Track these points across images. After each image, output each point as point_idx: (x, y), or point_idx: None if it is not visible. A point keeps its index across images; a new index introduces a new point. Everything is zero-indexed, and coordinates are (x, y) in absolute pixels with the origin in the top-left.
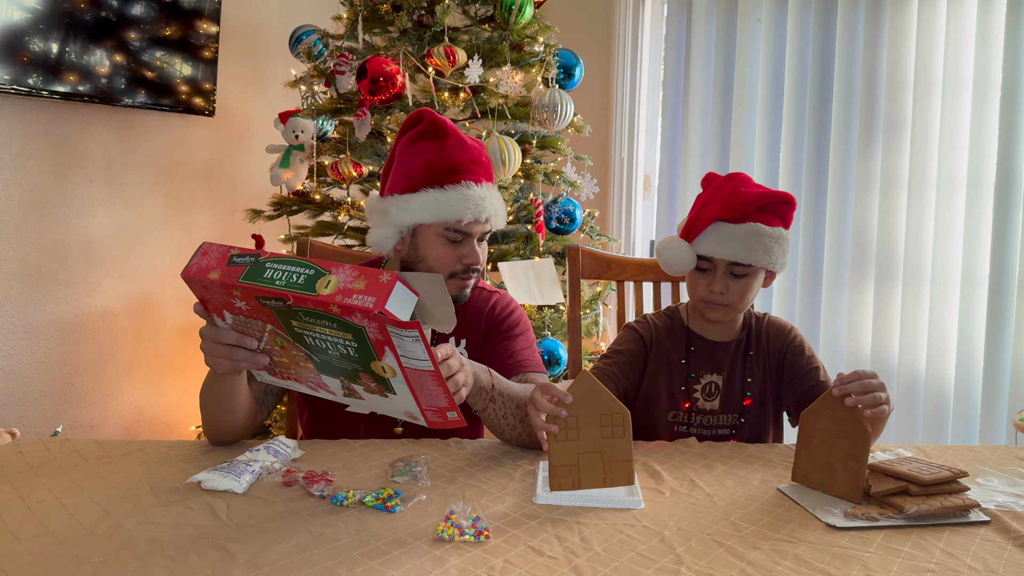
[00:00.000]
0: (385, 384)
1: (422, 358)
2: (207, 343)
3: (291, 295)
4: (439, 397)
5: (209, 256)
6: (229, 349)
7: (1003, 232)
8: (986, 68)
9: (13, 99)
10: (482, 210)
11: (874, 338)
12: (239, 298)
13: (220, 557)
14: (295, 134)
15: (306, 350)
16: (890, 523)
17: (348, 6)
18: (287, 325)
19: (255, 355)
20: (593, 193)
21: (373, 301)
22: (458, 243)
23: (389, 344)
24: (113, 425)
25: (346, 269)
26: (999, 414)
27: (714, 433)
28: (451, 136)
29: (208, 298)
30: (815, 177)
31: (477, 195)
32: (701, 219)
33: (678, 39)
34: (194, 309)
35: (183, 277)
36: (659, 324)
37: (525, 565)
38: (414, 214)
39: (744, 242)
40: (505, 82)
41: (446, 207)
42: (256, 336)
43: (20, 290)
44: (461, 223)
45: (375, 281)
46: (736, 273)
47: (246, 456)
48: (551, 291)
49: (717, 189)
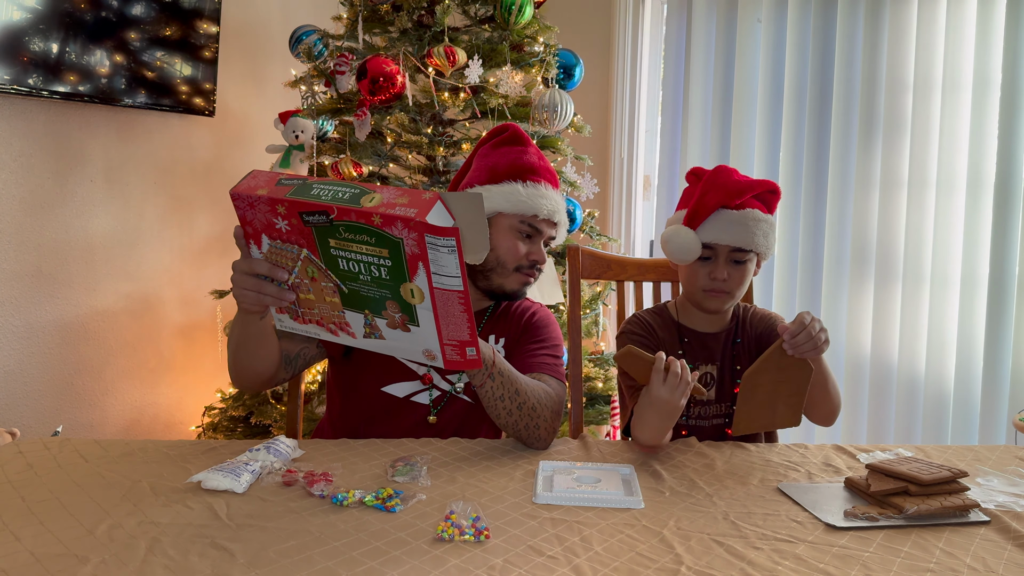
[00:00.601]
0: (411, 314)
1: (454, 274)
2: (238, 275)
3: (335, 207)
4: (462, 327)
5: (258, 178)
6: (258, 282)
7: (1003, 232)
8: (986, 68)
9: (13, 99)
10: (555, 212)
11: (874, 338)
12: (283, 216)
13: (220, 557)
14: (295, 134)
15: (337, 279)
16: (890, 523)
17: (348, 6)
18: (324, 246)
19: (282, 291)
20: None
21: (415, 212)
22: (529, 238)
23: (424, 259)
24: (113, 425)
25: (391, 189)
26: (999, 414)
27: (711, 424)
28: (532, 146)
29: (250, 219)
30: (815, 177)
31: (554, 197)
32: (704, 206)
33: (678, 39)
34: (234, 233)
35: (231, 194)
36: (652, 322)
37: (525, 565)
38: (495, 203)
39: (746, 227)
40: (505, 82)
41: (526, 200)
42: (288, 268)
43: (20, 290)
44: (537, 218)
45: (418, 197)
46: (736, 259)
47: (246, 456)
48: (551, 291)
49: (713, 178)
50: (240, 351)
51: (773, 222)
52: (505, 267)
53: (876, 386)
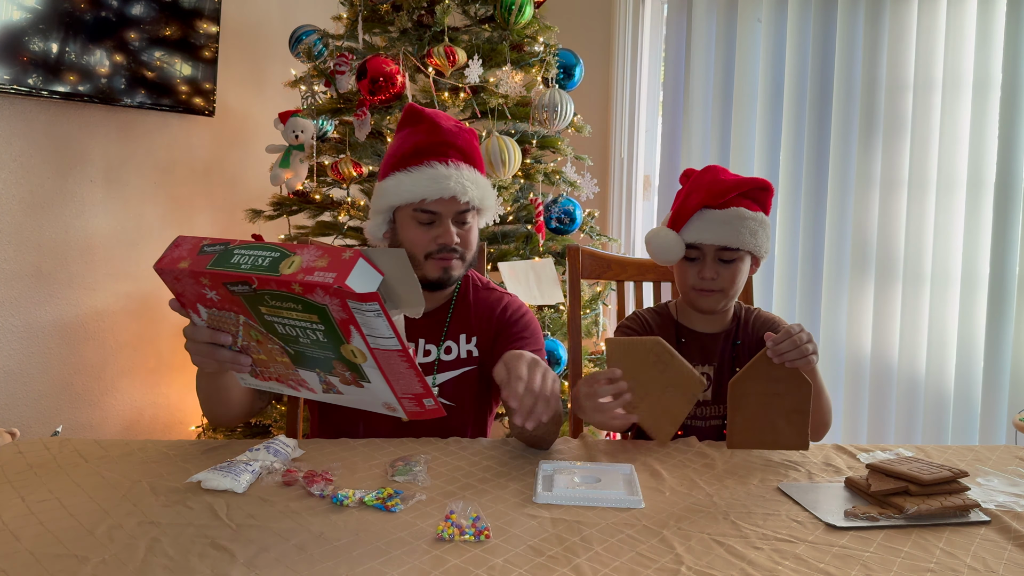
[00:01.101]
0: (358, 372)
1: (387, 335)
2: (189, 343)
3: (255, 277)
4: (412, 382)
5: (181, 247)
6: (210, 348)
7: (1003, 232)
8: (986, 68)
9: (13, 99)
10: (446, 188)
11: (874, 338)
12: (208, 287)
13: (220, 557)
14: (295, 134)
15: (280, 341)
16: (890, 523)
17: (348, 6)
18: (257, 313)
19: (237, 355)
20: (593, 193)
21: (333, 277)
22: (431, 224)
23: (354, 323)
24: (113, 425)
25: (311, 249)
26: (999, 414)
27: (707, 424)
28: (424, 122)
29: (181, 291)
30: (815, 177)
31: (441, 174)
32: (686, 208)
33: (678, 39)
34: (170, 305)
35: (155, 269)
36: (650, 319)
37: (525, 565)
38: (386, 198)
39: (730, 226)
40: (505, 82)
41: (410, 188)
42: (231, 332)
43: (20, 290)
44: (426, 202)
45: (337, 259)
46: (724, 259)
47: (246, 456)
48: (551, 291)
49: (698, 180)
50: (210, 402)
51: (763, 219)
52: (416, 258)
53: (876, 386)
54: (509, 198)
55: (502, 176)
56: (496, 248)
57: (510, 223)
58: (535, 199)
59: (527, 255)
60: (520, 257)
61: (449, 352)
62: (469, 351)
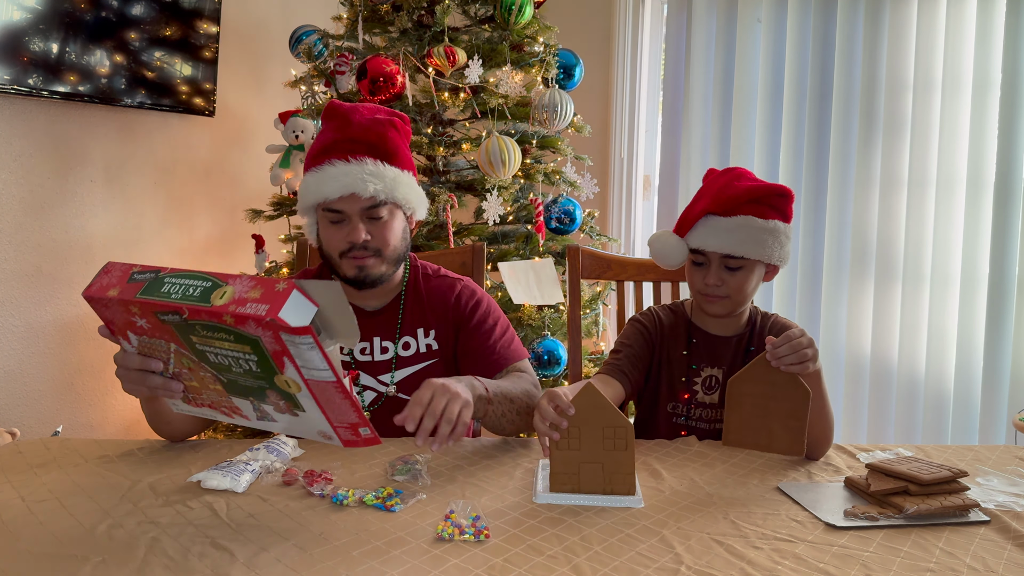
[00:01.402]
0: (293, 401)
1: (321, 367)
2: (120, 369)
3: (186, 307)
4: (348, 412)
5: (111, 274)
6: (141, 375)
7: (1003, 232)
8: (986, 68)
9: (13, 99)
10: (345, 185)
11: (874, 338)
12: (138, 315)
13: (220, 557)
14: (295, 134)
15: (212, 370)
16: (890, 523)
17: (348, 6)
18: (188, 342)
19: (168, 381)
20: (593, 193)
21: (266, 309)
22: (341, 223)
23: (288, 355)
24: (113, 425)
25: (244, 280)
26: (999, 414)
27: (712, 427)
28: (336, 119)
29: (111, 318)
30: (815, 177)
31: (340, 171)
32: (692, 213)
33: (678, 39)
34: (99, 332)
35: (84, 297)
36: (663, 317)
37: (525, 564)
38: (301, 199)
39: (735, 235)
40: (505, 82)
41: (315, 187)
42: (162, 359)
43: (20, 290)
44: (327, 200)
45: (271, 290)
46: (730, 266)
47: (246, 455)
48: (551, 291)
49: (711, 184)
50: (155, 422)
51: (775, 227)
52: (332, 258)
53: (876, 386)
54: (509, 198)
55: (502, 176)
56: (496, 248)
57: (510, 223)
58: (535, 199)
59: (527, 255)
60: (520, 257)
61: (408, 348)
62: (428, 345)
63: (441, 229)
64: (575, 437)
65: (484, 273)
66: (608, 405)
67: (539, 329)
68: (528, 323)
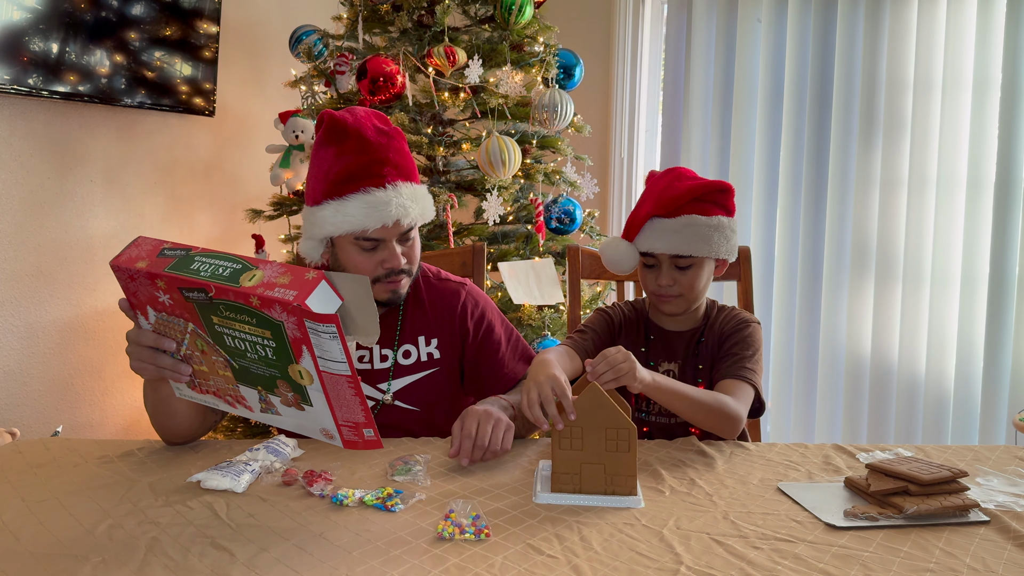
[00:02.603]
0: (302, 394)
1: (339, 359)
2: (131, 346)
3: (213, 286)
4: (356, 410)
5: (141, 247)
6: (152, 353)
7: (1003, 232)
8: (986, 68)
9: (13, 99)
10: (387, 215)
11: (874, 338)
12: (163, 290)
13: (220, 557)
14: (295, 134)
15: (226, 354)
16: (890, 523)
17: (348, 6)
18: (208, 322)
19: (178, 363)
20: (593, 193)
21: (294, 295)
22: (374, 250)
23: (307, 343)
24: (113, 425)
25: (274, 266)
26: (999, 414)
27: (671, 421)
28: (350, 138)
29: (134, 291)
30: (815, 177)
31: (380, 200)
32: (637, 218)
33: (678, 39)
34: (119, 305)
35: (111, 265)
36: (626, 312)
37: (524, 564)
38: (322, 227)
39: (681, 235)
40: (505, 82)
41: (348, 218)
42: (177, 339)
43: (20, 290)
44: (367, 231)
45: (300, 277)
46: (680, 265)
47: (246, 455)
48: (551, 291)
49: (653, 186)
50: (158, 414)
51: (720, 223)
52: None
53: (876, 386)
54: (509, 198)
55: (502, 176)
56: (496, 248)
57: (510, 223)
58: (535, 199)
59: (527, 255)
60: (520, 257)
61: (408, 356)
62: (430, 354)
63: (441, 229)
64: (578, 438)
65: (484, 273)
66: (611, 406)
67: (539, 329)
68: (528, 323)
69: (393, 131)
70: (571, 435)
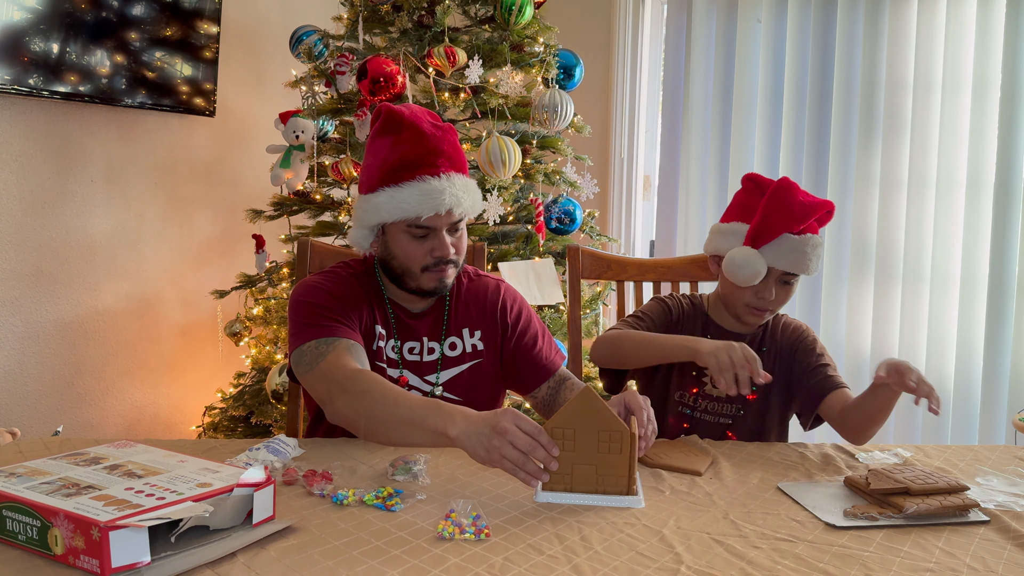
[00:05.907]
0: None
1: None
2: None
3: (35, 552)
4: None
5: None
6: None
7: (1003, 232)
8: (986, 68)
9: (14, 99)
10: (440, 203)
11: (874, 338)
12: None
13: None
14: (295, 134)
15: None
16: (890, 523)
17: (348, 6)
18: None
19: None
20: (593, 193)
21: (98, 564)
22: (424, 237)
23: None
24: (113, 425)
25: (62, 518)
26: (999, 414)
27: (717, 420)
28: (407, 129)
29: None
30: (815, 177)
31: (435, 188)
32: (771, 229)
33: (678, 39)
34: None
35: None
36: (684, 306)
37: (525, 563)
38: (376, 214)
39: (803, 253)
40: (505, 82)
41: (403, 204)
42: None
43: (20, 290)
44: (420, 219)
45: (89, 536)
46: (786, 281)
47: (246, 456)
48: (551, 291)
49: (778, 198)
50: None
51: (821, 242)
52: (411, 271)
53: None
54: (509, 198)
55: (502, 176)
56: (496, 248)
57: (510, 223)
58: (535, 199)
59: (527, 255)
60: (520, 257)
61: (454, 348)
62: (474, 345)
63: None
64: (570, 439)
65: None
66: (605, 410)
67: None
68: None
69: (446, 126)
70: (563, 436)
